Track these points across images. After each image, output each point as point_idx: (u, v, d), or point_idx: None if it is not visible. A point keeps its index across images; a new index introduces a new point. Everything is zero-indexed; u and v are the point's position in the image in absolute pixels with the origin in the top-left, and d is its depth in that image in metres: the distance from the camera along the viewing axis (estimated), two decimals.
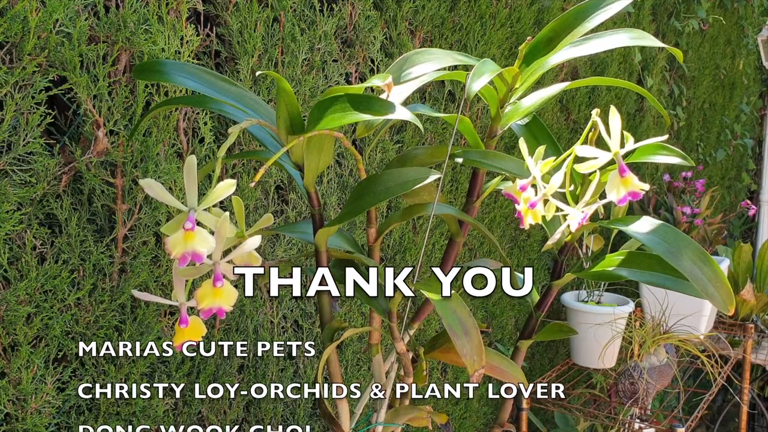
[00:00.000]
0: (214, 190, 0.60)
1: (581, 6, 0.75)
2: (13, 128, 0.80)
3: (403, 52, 1.19)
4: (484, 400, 1.84)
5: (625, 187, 0.69)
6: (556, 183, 0.73)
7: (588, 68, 2.12)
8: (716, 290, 0.68)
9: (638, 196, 0.69)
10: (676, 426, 1.42)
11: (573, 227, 0.74)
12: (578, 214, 0.73)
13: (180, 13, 0.96)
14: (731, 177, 3.81)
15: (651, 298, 1.85)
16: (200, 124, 1.02)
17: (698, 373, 2.53)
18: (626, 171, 0.69)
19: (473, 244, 1.70)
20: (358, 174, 1.30)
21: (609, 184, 0.70)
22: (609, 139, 0.71)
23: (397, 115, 0.62)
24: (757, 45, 3.40)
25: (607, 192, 0.70)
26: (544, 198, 0.73)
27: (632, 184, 0.69)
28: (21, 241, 0.83)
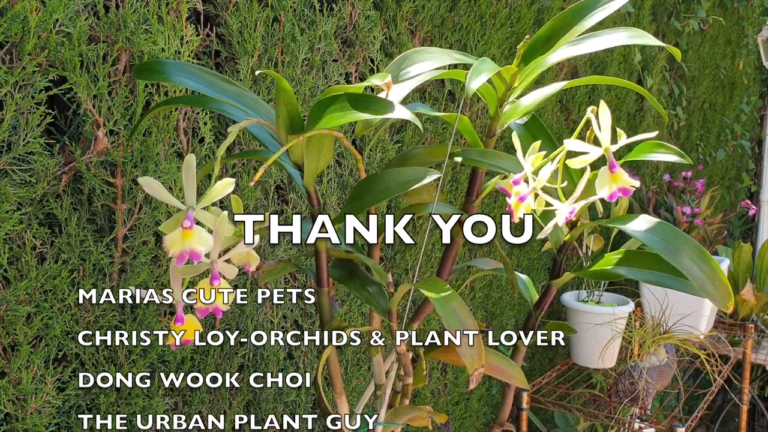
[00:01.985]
0: (212, 188, 0.60)
1: (579, 5, 0.75)
2: (13, 128, 0.81)
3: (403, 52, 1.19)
4: (484, 399, 1.84)
5: (615, 183, 0.69)
6: (544, 176, 0.72)
7: (588, 68, 2.12)
8: (715, 288, 0.68)
9: (629, 192, 0.69)
10: (676, 426, 1.42)
11: (560, 222, 0.74)
12: (566, 209, 0.72)
13: (180, 13, 0.96)
14: (731, 177, 3.81)
15: (651, 297, 1.85)
16: (200, 123, 1.02)
17: (698, 373, 2.53)
18: (616, 167, 0.69)
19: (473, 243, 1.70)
20: (357, 174, 1.30)
21: (599, 180, 0.70)
22: (600, 134, 0.70)
23: (397, 115, 0.62)
24: (757, 45, 3.40)
25: (597, 188, 0.70)
26: (534, 192, 0.73)
27: (622, 180, 0.69)
28: (21, 241, 0.83)
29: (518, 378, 0.86)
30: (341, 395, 0.82)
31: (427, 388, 1.62)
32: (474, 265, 1.04)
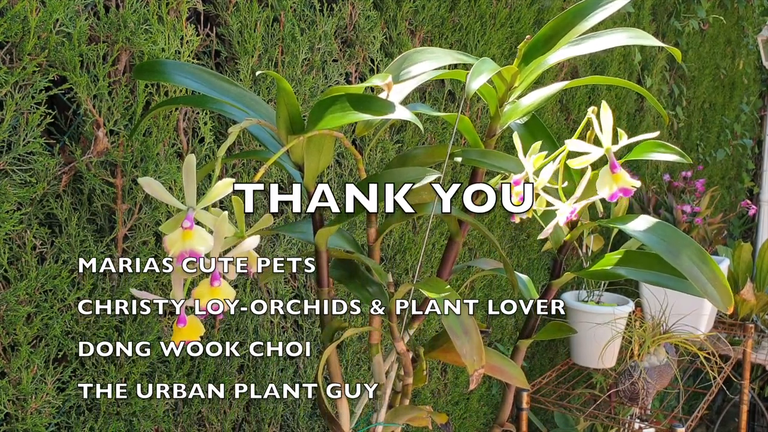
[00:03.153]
0: (212, 189, 0.60)
1: (580, 5, 0.75)
2: (13, 128, 0.80)
3: (403, 52, 1.19)
4: (484, 399, 1.84)
5: (616, 183, 0.69)
6: (545, 177, 0.72)
7: (588, 68, 2.12)
8: (715, 289, 0.68)
9: (629, 192, 0.69)
10: (676, 426, 1.42)
11: (561, 222, 0.74)
12: (567, 209, 0.73)
13: (180, 13, 0.96)
14: (731, 177, 3.81)
15: (651, 297, 1.85)
16: (200, 124, 1.02)
17: (698, 372, 2.53)
18: (617, 167, 0.69)
19: (473, 243, 1.70)
20: (358, 174, 1.30)
21: (600, 180, 0.70)
22: (601, 134, 0.71)
23: (397, 115, 0.62)
24: (757, 45, 3.41)
25: (598, 188, 0.70)
26: (534, 192, 0.73)
27: (623, 181, 0.69)
28: (21, 241, 0.83)
29: (518, 378, 0.86)
30: (341, 395, 0.82)
31: (427, 388, 1.62)
32: (474, 265, 1.04)
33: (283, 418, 1.23)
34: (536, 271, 2.02)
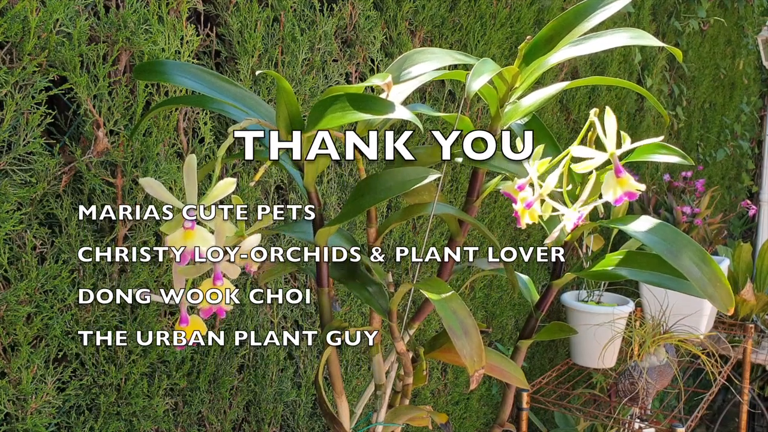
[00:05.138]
0: (213, 188, 0.60)
1: (581, 5, 0.75)
2: (13, 128, 0.80)
3: (403, 52, 1.19)
4: (484, 399, 1.84)
5: (621, 188, 0.69)
6: (551, 183, 0.73)
7: (588, 68, 2.12)
8: (716, 290, 0.68)
9: (634, 196, 0.69)
10: (676, 426, 1.42)
11: (569, 227, 0.74)
12: (574, 215, 0.73)
13: (180, 13, 0.96)
14: (731, 177, 3.81)
15: (651, 297, 1.85)
16: (200, 124, 1.02)
17: (698, 372, 2.53)
18: (622, 171, 0.69)
19: (473, 243, 1.70)
20: (358, 174, 1.30)
21: (605, 184, 0.70)
22: (605, 139, 0.71)
23: (397, 115, 0.62)
24: (757, 45, 3.41)
25: (603, 192, 0.70)
26: (540, 198, 0.73)
27: (628, 185, 0.69)
28: (21, 241, 0.83)
29: (518, 378, 0.86)
30: (341, 395, 0.82)
31: (427, 388, 1.62)
32: (474, 265, 1.04)
33: (283, 418, 1.23)
34: (536, 272, 2.02)
